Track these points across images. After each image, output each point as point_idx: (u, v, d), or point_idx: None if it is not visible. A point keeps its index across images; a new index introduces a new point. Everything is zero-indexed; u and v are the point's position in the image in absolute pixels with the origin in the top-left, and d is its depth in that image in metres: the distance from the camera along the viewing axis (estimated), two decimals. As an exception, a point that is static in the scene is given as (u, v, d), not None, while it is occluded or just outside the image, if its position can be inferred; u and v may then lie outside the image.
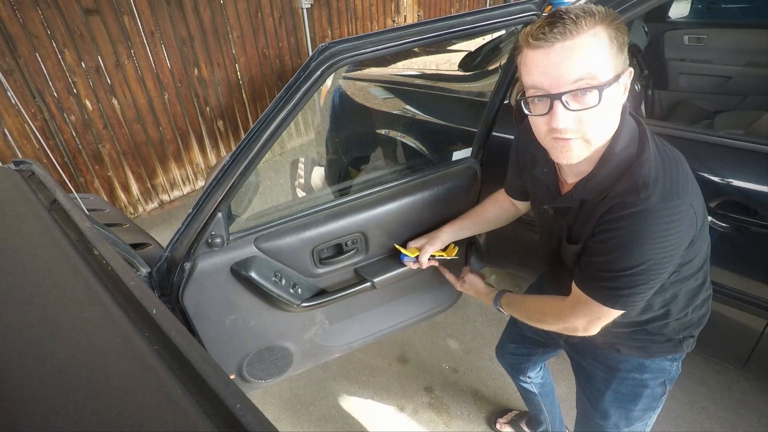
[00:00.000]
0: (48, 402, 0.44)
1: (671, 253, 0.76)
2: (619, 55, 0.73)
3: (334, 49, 0.83)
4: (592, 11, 0.71)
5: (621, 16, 0.73)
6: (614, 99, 0.75)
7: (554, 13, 0.72)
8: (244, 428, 0.41)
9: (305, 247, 1.20)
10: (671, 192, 0.74)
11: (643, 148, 0.78)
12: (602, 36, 0.71)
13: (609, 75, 0.72)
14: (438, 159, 1.82)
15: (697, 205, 0.78)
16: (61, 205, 0.89)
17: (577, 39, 0.70)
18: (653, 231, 0.74)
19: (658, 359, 1.02)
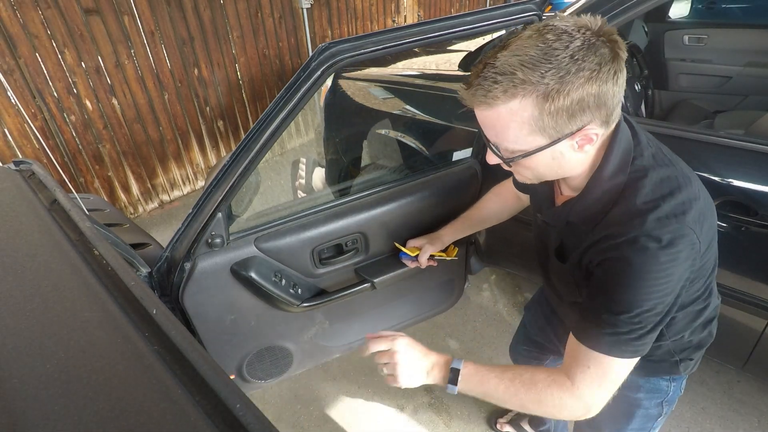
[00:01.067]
0: (48, 402, 0.44)
1: (675, 283, 0.67)
2: (559, 120, 0.62)
3: (334, 49, 0.83)
4: (512, 78, 0.60)
5: (574, 72, 0.59)
6: (552, 159, 0.68)
7: (482, 65, 0.63)
8: (244, 428, 0.41)
9: (305, 247, 1.20)
10: (669, 216, 0.65)
11: (639, 174, 0.69)
12: (523, 110, 0.62)
13: (533, 143, 0.66)
14: (438, 159, 1.82)
15: (702, 229, 0.68)
16: (61, 205, 0.89)
17: (488, 112, 0.65)
18: (653, 260, 0.65)
19: (653, 378, 0.96)
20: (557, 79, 0.59)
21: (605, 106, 0.63)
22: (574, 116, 0.63)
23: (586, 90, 0.60)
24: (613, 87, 0.62)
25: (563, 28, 0.60)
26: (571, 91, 0.60)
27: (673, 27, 2.54)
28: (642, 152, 0.71)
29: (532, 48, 0.60)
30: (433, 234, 1.27)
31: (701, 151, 1.28)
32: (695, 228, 0.67)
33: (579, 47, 0.59)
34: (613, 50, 0.61)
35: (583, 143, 0.67)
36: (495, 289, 2.44)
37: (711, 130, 1.33)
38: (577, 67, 0.59)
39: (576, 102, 0.61)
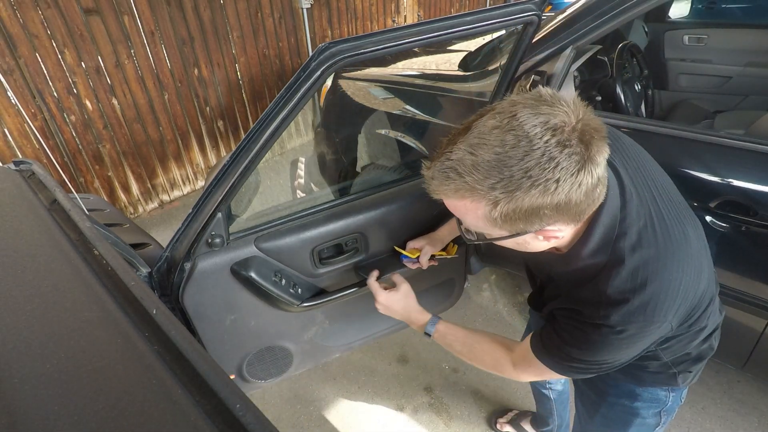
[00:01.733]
0: (48, 402, 0.44)
1: (633, 354, 0.73)
2: (510, 223, 0.61)
3: (334, 49, 0.83)
4: (462, 180, 0.58)
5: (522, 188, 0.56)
6: (514, 244, 0.69)
7: (439, 155, 0.62)
8: (244, 428, 0.41)
9: (305, 247, 1.20)
10: (637, 312, 0.65)
11: (617, 259, 0.66)
12: (475, 207, 0.60)
13: (495, 234, 0.66)
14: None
15: (676, 310, 0.68)
16: (61, 205, 0.89)
17: (446, 201, 0.64)
18: (613, 344, 0.68)
19: (650, 388, 0.94)
20: (507, 194, 0.56)
21: (568, 211, 0.60)
22: (529, 221, 0.60)
23: (539, 202, 0.57)
24: (576, 196, 0.57)
25: (526, 132, 0.55)
26: (522, 203, 0.57)
27: (673, 27, 2.54)
28: (627, 230, 0.67)
29: (489, 150, 0.56)
30: (432, 234, 1.27)
31: (701, 151, 1.28)
32: (666, 316, 0.67)
33: (537, 162, 0.54)
34: (585, 156, 0.55)
35: (548, 237, 0.65)
36: (495, 289, 2.44)
37: (711, 130, 1.33)
38: (530, 184, 0.55)
39: (529, 212, 0.58)
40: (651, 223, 0.69)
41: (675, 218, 0.72)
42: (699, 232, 0.77)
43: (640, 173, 0.74)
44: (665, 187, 0.77)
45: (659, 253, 0.67)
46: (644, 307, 0.65)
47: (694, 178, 1.28)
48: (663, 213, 0.71)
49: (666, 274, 0.66)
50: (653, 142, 1.35)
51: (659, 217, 0.70)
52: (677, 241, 0.69)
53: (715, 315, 0.85)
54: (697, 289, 0.72)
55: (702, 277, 0.73)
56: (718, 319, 0.89)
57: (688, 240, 0.71)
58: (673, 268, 0.67)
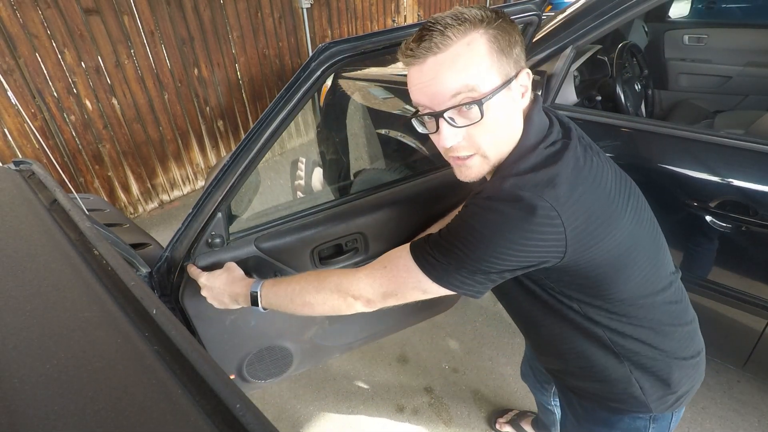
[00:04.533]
0: (48, 402, 0.44)
1: (513, 254, 0.67)
2: (504, 58, 0.67)
3: (334, 49, 0.83)
4: (463, 17, 0.66)
5: (504, 15, 0.68)
6: (506, 107, 0.70)
7: (424, 25, 0.67)
8: (244, 428, 0.41)
9: (305, 247, 1.20)
10: (534, 185, 0.65)
11: (541, 143, 0.71)
12: (477, 43, 0.66)
13: (493, 83, 0.67)
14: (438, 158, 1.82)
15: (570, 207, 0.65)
16: (61, 205, 0.89)
17: (447, 51, 0.65)
18: (493, 222, 0.66)
19: (625, 417, 0.88)
20: (496, 16, 0.67)
21: (522, 52, 0.70)
22: (508, 53, 0.68)
23: (515, 31, 0.69)
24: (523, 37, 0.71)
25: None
26: (505, 28, 0.67)
27: (673, 27, 2.55)
28: (552, 130, 0.74)
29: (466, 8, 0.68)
30: (428, 232, 1.27)
31: (701, 151, 1.28)
32: (555, 203, 0.64)
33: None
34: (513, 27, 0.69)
35: (523, 89, 0.72)
36: (495, 289, 2.44)
37: (711, 130, 1.33)
38: (496, 15, 0.68)
39: (513, 38, 0.68)
40: (584, 146, 0.74)
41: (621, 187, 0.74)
42: (647, 214, 0.79)
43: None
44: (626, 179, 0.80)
45: (580, 160, 0.70)
46: (541, 180, 0.66)
47: (694, 178, 1.28)
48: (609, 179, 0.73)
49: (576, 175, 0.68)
50: (653, 142, 1.35)
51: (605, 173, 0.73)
52: (608, 175, 0.73)
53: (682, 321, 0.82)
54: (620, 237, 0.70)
55: (639, 246, 0.73)
56: (693, 338, 0.85)
57: (627, 202, 0.73)
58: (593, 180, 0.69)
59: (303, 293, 0.86)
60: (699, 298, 1.37)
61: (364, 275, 0.81)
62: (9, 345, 0.52)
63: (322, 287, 0.84)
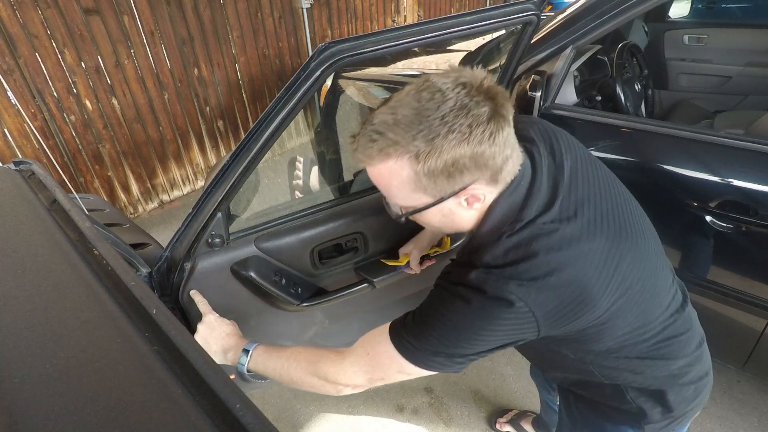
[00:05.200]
0: (48, 402, 0.44)
1: (482, 342, 0.67)
2: (433, 185, 0.63)
3: (333, 48, 0.83)
4: (384, 138, 0.61)
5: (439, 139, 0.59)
6: (437, 215, 0.68)
7: (362, 126, 0.65)
8: (244, 428, 0.41)
9: (305, 246, 1.20)
10: (498, 280, 0.63)
11: (506, 233, 0.67)
12: (398, 168, 0.62)
13: (416, 201, 0.66)
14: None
15: (540, 298, 0.63)
16: (61, 205, 0.89)
17: (370, 168, 0.66)
18: (460, 311, 0.66)
19: (618, 425, 0.87)
20: (427, 142, 0.59)
21: (486, 167, 0.62)
22: (452, 177, 0.62)
23: (458, 152, 0.59)
24: (490, 148, 0.60)
25: (439, 87, 0.60)
26: (443, 153, 0.59)
27: (673, 27, 2.54)
28: (527, 206, 0.67)
29: (407, 107, 0.60)
30: (418, 235, 1.26)
31: (701, 151, 1.28)
32: (523, 297, 0.63)
33: (450, 108, 0.58)
34: (493, 109, 0.60)
35: (471, 201, 0.66)
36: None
37: (711, 130, 1.33)
38: (447, 130, 0.58)
39: (450, 164, 0.60)
40: (564, 217, 0.67)
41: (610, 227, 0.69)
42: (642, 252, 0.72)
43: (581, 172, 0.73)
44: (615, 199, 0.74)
45: (554, 244, 0.64)
46: (503, 278, 0.63)
47: (694, 178, 1.28)
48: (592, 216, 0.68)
49: (552, 262, 0.63)
50: (653, 142, 1.35)
51: (585, 217, 0.68)
52: (596, 248, 0.66)
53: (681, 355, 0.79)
54: (606, 304, 0.67)
55: (629, 299, 0.69)
56: (694, 365, 0.82)
57: (616, 254, 0.67)
58: (567, 264, 0.64)
59: (292, 372, 0.86)
60: (699, 298, 1.37)
61: (350, 364, 0.80)
62: (9, 345, 0.52)
63: (312, 372, 0.84)
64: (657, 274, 0.76)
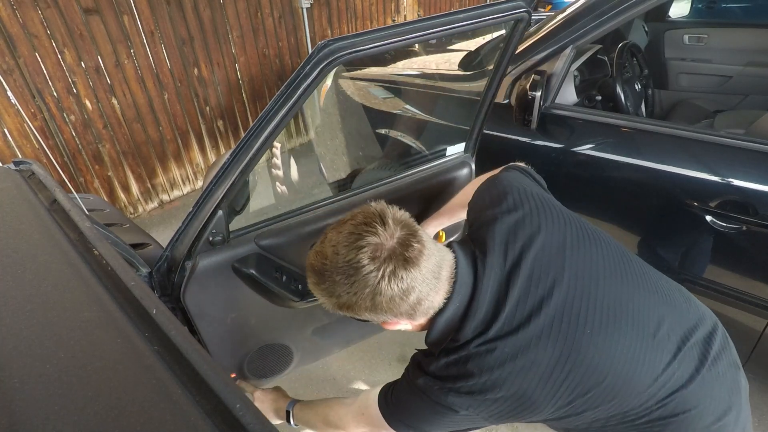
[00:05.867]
0: (48, 402, 0.44)
1: (445, 427, 0.80)
2: (356, 315, 0.75)
3: (333, 46, 0.83)
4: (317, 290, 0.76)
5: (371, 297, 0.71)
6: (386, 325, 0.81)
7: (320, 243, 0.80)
8: (244, 428, 0.41)
9: (306, 243, 1.20)
10: (436, 391, 0.75)
11: (446, 348, 0.77)
12: (330, 302, 0.76)
13: (364, 316, 0.76)
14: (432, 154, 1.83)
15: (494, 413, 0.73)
16: (61, 205, 0.89)
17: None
18: (411, 405, 0.81)
19: None
20: (330, 295, 0.74)
21: (391, 311, 0.72)
22: (360, 315, 0.74)
23: (355, 301, 0.71)
24: (382, 300, 0.70)
25: (347, 261, 0.70)
26: (343, 302, 0.72)
27: (673, 26, 2.54)
28: (463, 328, 0.74)
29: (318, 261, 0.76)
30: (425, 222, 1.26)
31: (701, 151, 1.28)
32: (463, 407, 0.73)
33: (345, 281, 0.70)
34: (392, 271, 0.69)
35: (391, 326, 0.80)
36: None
37: (711, 130, 1.33)
38: (344, 290, 0.71)
39: (354, 308, 0.72)
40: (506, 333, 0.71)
41: (573, 329, 0.70)
42: (628, 338, 0.72)
43: (548, 274, 0.74)
44: (595, 288, 0.74)
45: (487, 365, 0.71)
46: (444, 391, 0.74)
47: (694, 178, 1.28)
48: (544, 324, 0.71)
49: (485, 382, 0.71)
50: (653, 142, 1.35)
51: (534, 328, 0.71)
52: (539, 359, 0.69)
53: (691, 429, 0.76)
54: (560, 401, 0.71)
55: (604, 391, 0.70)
56: None
57: (574, 354, 0.69)
58: (501, 380, 0.70)
59: (317, 423, 1.09)
60: (699, 297, 1.37)
61: (351, 419, 0.97)
62: (9, 345, 0.52)
63: (327, 423, 1.04)
64: (642, 359, 0.72)
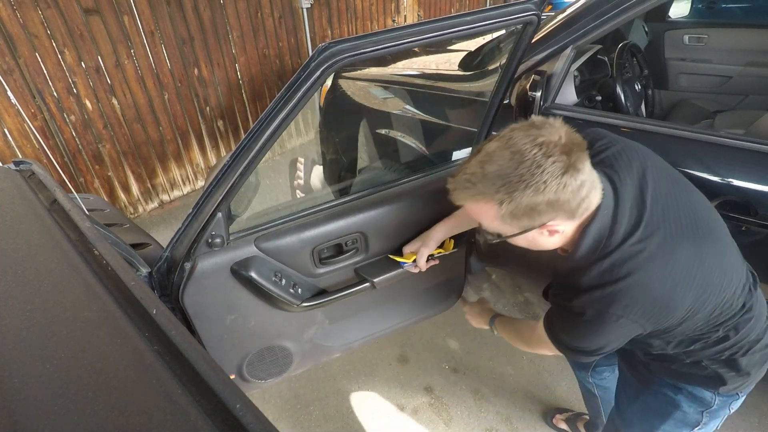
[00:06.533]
0: (48, 402, 0.44)
1: (605, 344, 0.84)
2: (516, 221, 0.76)
3: (334, 48, 0.83)
4: (475, 187, 0.75)
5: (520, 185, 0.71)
6: (524, 240, 0.82)
7: (458, 169, 0.79)
8: (244, 428, 0.41)
9: (305, 246, 1.20)
10: (599, 302, 0.77)
11: (598, 257, 0.78)
12: (486, 209, 0.76)
13: (504, 230, 0.80)
14: (438, 158, 1.82)
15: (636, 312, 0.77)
16: (61, 205, 0.89)
17: (464, 205, 0.80)
18: (574, 328, 0.85)
19: (695, 386, 0.96)
20: (508, 195, 0.72)
21: (561, 209, 0.74)
22: (531, 217, 0.75)
23: (535, 200, 0.72)
24: (564, 195, 0.72)
25: (519, 148, 0.72)
26: (522, 202, 0.72)
27: (673, 27, 2.54)
28: (614, 233, 0.78)
29: (492, 164, 0.73)
30: (426, 234, 1.27)
31: (701, 151, 1.28)
32: (627, 314, 0.77)
33: (527, 168, 0.70)
34: (567, 164, 0.70)
35: (552, 232, 0.79)
36: (495, 289, 2.44)
37: (711, 130, 1.33)
38: (525, 185, 0.71)
39: (528, 209, 0.73)
40: (649, 234, 0.78)
41: (689, 234, 0.79)
42: (718, 249, 0.83)
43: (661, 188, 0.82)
44: (691, 205, 0.84)
45: (641, 263, 0.76)
46: (603, 298, 0.77)
47: (694, 178, 1.27)
48: (672, 228, 0.79)
49: (636, 283, 0.76)
50: (653, 142, 1.35)
51: (667, 231, 0.78)
52: (677, 258, 0.77)
53: (755, 329, 0.89)
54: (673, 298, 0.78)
55: (710, 293, 0.79)
56: (763, 337, 0.91)
57: (696, 257, 0.78)
58: (654, 278, 0.76)
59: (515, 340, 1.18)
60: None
61: (535, 342, 1.05)
62: (9, 345, 0.52)
63: (521, 342, 1.14)
64: (733, 263, 0.86)
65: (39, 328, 0.55)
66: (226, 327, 1.24)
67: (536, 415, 1.82)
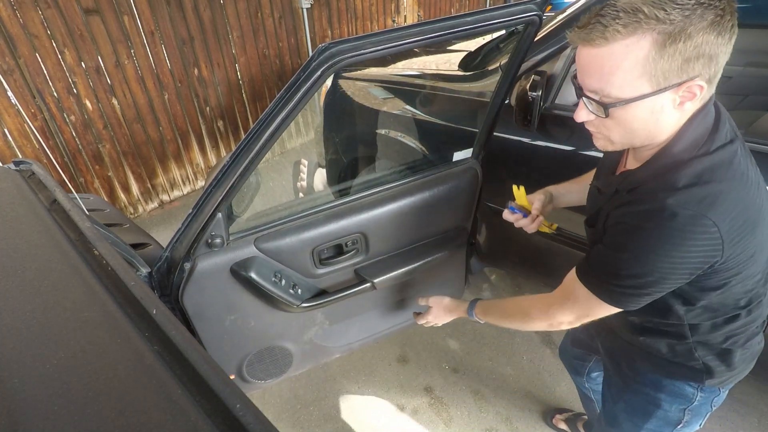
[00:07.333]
0: (48, 402, 0.44)
1: (680, 268, 0.70)
2: (665, 66, 0.62)
3: (334, 49, 0.83)
4: (636, 13, 0.60)
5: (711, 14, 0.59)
6: (645, 113, 0.67)
7: (599, 9, 0.64)
8: (244, 428, 0.41)
9: (305, 247, 1.20)
10: (697, 203, 0.66)
11: (699, 154, 0.69)
12: (637, 47, 0.61)
13: (635, 91, 0.65)
14: (438, 159, 1.82)
15: (728, 226, 0.67)
16: (61, 205, 0.89)
17: (602, 48, 0.63)
18: (655, 238, 0.68)
19: (676, 382, 0.95)
20: (682, 18, 0.59)
21: (715, 61, 0.62)
22: (687, 62, 0.61)
23: (706, 37, 0.59)
24: (726, 43, 0.61)
25: None
26: (693, 33, 0.59)
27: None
28: (717, 133, 0.70)
29: None
30: (548, 190, 1.14)
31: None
32: (719, 222, 0.66)
33: (689, 8, 0.58)
34: (731, 7, 0.60)
35: (684, 99, 0.66)
36: (495, 289, 2.44)
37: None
38: (702, 10, 0.59)
39: (693, 47, 0.60)
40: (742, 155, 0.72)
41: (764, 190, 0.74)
42: None
43: None
44: None
45: (741, 170, 0.69)
46: (703, 198, 0.66)
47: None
48: (754, 173, 0.74)
49: (734, 189, 0.67)
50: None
51: (752, 169, 0.73)
52: (761, 191, 0.71)
53: (756, 320, 0.86)
54: (754, 230, 0.71)
55: (756, 226, 0.72)
56: (756, 330, 0.89)
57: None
58: (742, 193, 0.68)
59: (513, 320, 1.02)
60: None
61: (557, 309, 0.89)
62: (9, 345, 0.52)
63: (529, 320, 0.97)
64: None
65: (39, 328, 0.55)
66: (225, 327, 1.24)
67: (536, 415, 1.82)
